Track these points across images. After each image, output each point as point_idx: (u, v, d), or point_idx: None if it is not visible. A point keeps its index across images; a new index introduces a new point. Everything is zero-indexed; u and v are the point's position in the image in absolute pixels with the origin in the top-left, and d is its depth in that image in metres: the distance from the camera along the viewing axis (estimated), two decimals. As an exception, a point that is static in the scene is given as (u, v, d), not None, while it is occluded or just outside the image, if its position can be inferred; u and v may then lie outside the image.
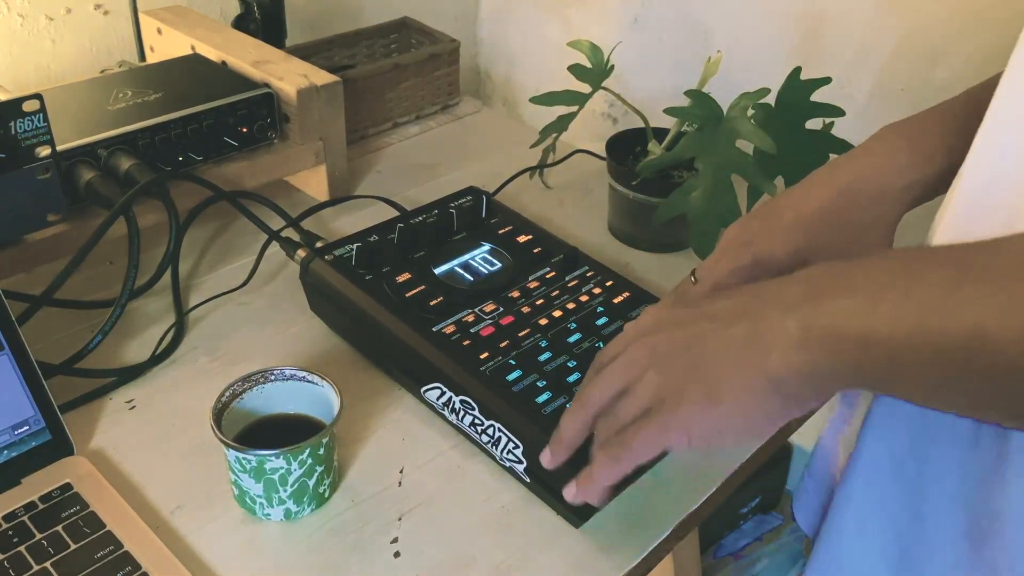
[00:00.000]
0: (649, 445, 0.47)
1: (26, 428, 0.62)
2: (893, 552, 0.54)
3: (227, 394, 0.62)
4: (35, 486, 0.60)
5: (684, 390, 0.46)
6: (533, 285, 0.75)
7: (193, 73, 0.91)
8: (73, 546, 0.56)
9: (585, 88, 0.87)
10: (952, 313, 0.37)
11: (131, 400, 0.70)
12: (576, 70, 0.88)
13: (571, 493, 0.52)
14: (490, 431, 0.63)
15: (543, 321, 0.71)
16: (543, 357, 0.67)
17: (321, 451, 0.60)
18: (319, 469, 0.60)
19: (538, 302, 0.73)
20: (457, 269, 0.76)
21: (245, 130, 0.87)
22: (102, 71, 0.97)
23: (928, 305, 0.38)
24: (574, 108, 0.88)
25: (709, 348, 0.45)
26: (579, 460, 0.54)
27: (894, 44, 1.05)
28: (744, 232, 0.60)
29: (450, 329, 0.69)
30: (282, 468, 0.58)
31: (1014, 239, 0.38)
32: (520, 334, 0.69)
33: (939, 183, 0.57)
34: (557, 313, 0.72)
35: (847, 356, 0.41)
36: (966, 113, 0.57)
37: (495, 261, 0.77)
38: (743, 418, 0.45)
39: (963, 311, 0.37)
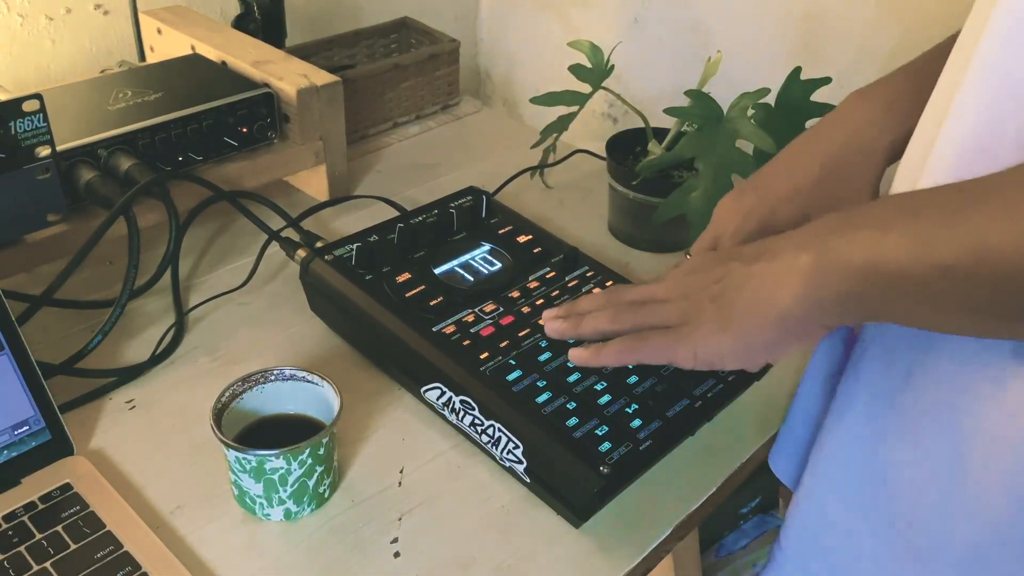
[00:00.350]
0: (660, 351, 0.54)
1: (26, 428, 0.62)
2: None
3: (227, 394, 0.62)
4: (35, 486, 0.60)
5: (703, 315, 0.52)
6: (533, 285, 0.75)
7: (193, 73, 0.91)
8: (73, 546, 0.56)
9: (585, 88, 0.87)
10: (956, 232, 0.41)
11: (131, 400, 0.70)
12: (576, 70, 0.88)
13: (575, 354, 0.60)
14: (490, 431, 0.63)
15: (543, 321, 0.71)
16: (543, 357, 0.67)
17: (321, 451, 0.60)
18: (319, 469, 0.60)
19: (538, 302, 0.73)
20: (457, 269, 0.76)
21: (245, 130, 0.87)
22: (102, 71, 0.98)
23: (933, 229, 0.42)
24: (574, 108, 0.88)
25: (732, 283, 0.51)
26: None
27: (894, 44, 1.05)
28: (740, 205, 0.64)
29: (450, 329, 0.69)
30: (282, 468, 0.58)
31: (1013, 169, 0.41)
32: (520, 334, 0.69)
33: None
34: (557, 313, 0.72)
35: (855, 285, 0.45)
36: (930, 71, 0.60)
37: (495, 261, 0.77)
38: (744, 347, 0.51)
39: (967, 229, 0.40)
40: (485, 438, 0.64)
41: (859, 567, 0.55)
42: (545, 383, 0.65)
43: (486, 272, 0.76)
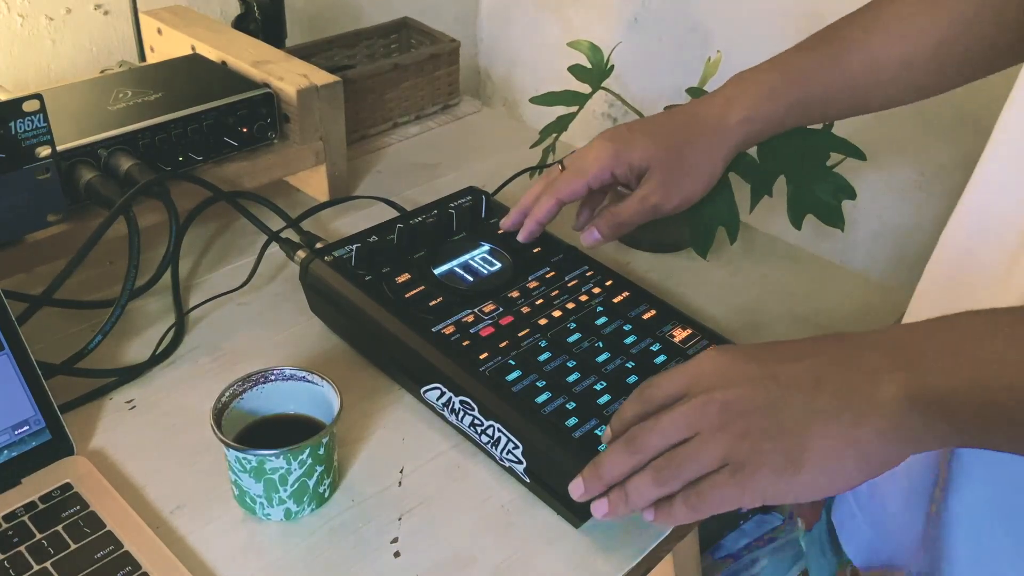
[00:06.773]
0: (726, 502, 0.48)
1: (26, 428, 0.62)
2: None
3: (227, 394, 0.62)
4: (35, 486, 0.60)
5: (763, 456, 0.46)
6: (533, 285, 0.75)
7: (193, 73, 0.91)
8: (73, 546, 0.56)
9: (585, 88, 0.87)
10: None
11: (131, 400, 0.70)
12: (576, 70, 0.88)
13: (650, 515, 0.51)
14: (490, 431, 0.63)
15: (543, 321, 0.71)
16: (543, 357, 0.67)
17: (321, 451, 0.60)
18: (319, 469, 0.60)
19: (537, 302, 0.73)
20: (457, 269, 0.76)
21: (245, 130, 0.87)
22: (102, 71, 0.98)
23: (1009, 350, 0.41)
24: (574, 108, 0.88)
25: (792, 415, 0.46)
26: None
27: (894, 44, 1.04)
28: (617, 135, 0.73)
29: (449, 329, 0.69)
30: (282, 468, 0.58)
31: None
32: (520, 334, 0.69)
33: (784, 117, 0.71)
34: (557, 313, 0.72)
35: (951, 418, 0.42)
36: (811, 46, 0.71)
37: (495, 261, 0.77)
38: (825, 483, 0.46)
39: None
40: (485, 438, 0.64)
41: None
42: (545, 383, 0.65)
43: (486, 272, 0.76)
